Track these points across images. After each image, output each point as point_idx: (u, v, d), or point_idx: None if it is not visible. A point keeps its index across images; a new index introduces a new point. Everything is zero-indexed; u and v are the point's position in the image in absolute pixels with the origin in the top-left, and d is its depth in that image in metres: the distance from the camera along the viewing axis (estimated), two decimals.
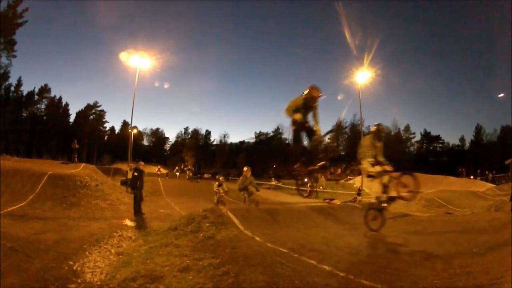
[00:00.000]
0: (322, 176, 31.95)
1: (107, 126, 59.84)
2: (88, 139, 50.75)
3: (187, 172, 28.83)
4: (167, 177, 29.56)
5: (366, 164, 6.02)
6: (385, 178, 5.94)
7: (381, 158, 6.15)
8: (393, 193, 5.85)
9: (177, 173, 32.21)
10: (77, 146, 20.75)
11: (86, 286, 4.23)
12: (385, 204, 6.04)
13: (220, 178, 13.06)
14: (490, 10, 46.13)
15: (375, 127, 6.41)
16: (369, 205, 6.19)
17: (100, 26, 72.23)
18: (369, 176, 6.07)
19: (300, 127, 5.10)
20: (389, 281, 3.32)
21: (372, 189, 5.78)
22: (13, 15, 37.12)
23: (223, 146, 60.29)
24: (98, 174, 15.86)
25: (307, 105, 5.08)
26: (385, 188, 5.93)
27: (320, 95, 5.11)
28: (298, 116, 4.95)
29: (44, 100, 52.61)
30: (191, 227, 6.22)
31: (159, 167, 33.77)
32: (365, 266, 3.85)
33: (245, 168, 9.99)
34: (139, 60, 24.80)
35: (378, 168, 5.94)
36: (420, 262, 4.09)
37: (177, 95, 76.64)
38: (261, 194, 19.56)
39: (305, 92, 5.02)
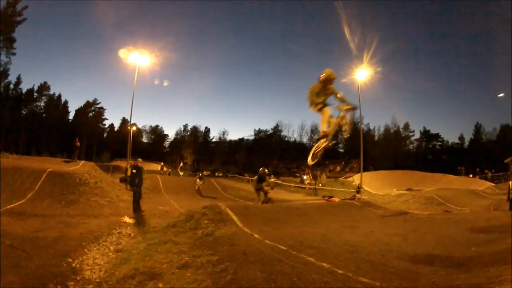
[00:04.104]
0: (323, 174, 32.04)
1: (106, 123, 59.93)
2: (87, 136, 50.64)
3: (198, 180, 19.29)
4: (169, 175, 29.16)
5: None
6: None
7: None
8: None
9: (181, 172, 31.46)
10: (78, 144, 20.71)
11: (85, 284, 4.23)
12: None
13: (265, 171, 10.45)
14: (490, 10, 46.00)
15: None
16: None
17: (99, 24, 72.11)
18: None
19: None
20: (388, 279, 3.33)
21: None
22: (12, 13, 36.99)
23: (223, 143, 60.32)
24: (97, 171, 15.85)
25: None
26: None
27: None
28: None
29: (43, 97, 52.64)
30: (190, 224, 6.23)
31: (162, 164, 32.73)
32: (364, 264, 3.85)
33: (325, 74, 5.43)
34: (138, 58, 24.70)
35: None
36: (419, 260, 4.09)
37: (176, 92, 76.73)
38: None
39: None
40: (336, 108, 5.63)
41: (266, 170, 10.24)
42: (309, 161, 6.01)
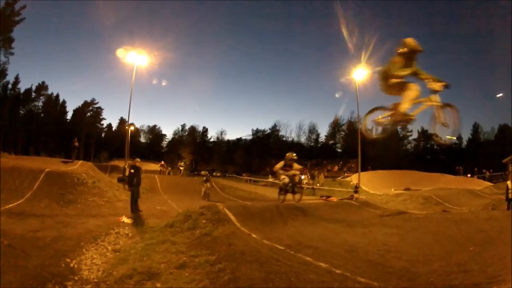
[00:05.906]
0: (321, 174, 32.09)
1: (104, 123, 59.77)
2: (85, 136, 50.53)
3: (204, 184, 16.98)
4: (169, 175, 29.03)
5: None
6: None
7: None
8: None
9: (182, 168, 31.20)
10: (77, 144, 20.68)
11: (83, 283, 4.23)
12: None
13: (293, 156, 8.95)
14: (490, 10, 46.09)
15: None
16: None
17: (97, 23, 72.00)
18: None
19: None
20: (386, 279, 3.33)
21: None
22: (10, 12, 36.89)
23: (221, 143, 60.29)
24: (95, 171, 15.81)
25: None
26: None
27: None
28: None
29: (41, 97, 52.49)
30: (188, 224, 6.21)
31: (162, 162, 32.27)
32: (362, 263, 3.85)
33: (408, 46, 4.48)
34: (136, 57, 24.67)
35: None
36: (417, 259, 4.09)
37: (174, 92, 76.50)
38: (258, 191, 19.55)
39: None
40: (426, 84, 4.28)
41: (294, 155, 8.63)
42: (367, 134, 4.80)
